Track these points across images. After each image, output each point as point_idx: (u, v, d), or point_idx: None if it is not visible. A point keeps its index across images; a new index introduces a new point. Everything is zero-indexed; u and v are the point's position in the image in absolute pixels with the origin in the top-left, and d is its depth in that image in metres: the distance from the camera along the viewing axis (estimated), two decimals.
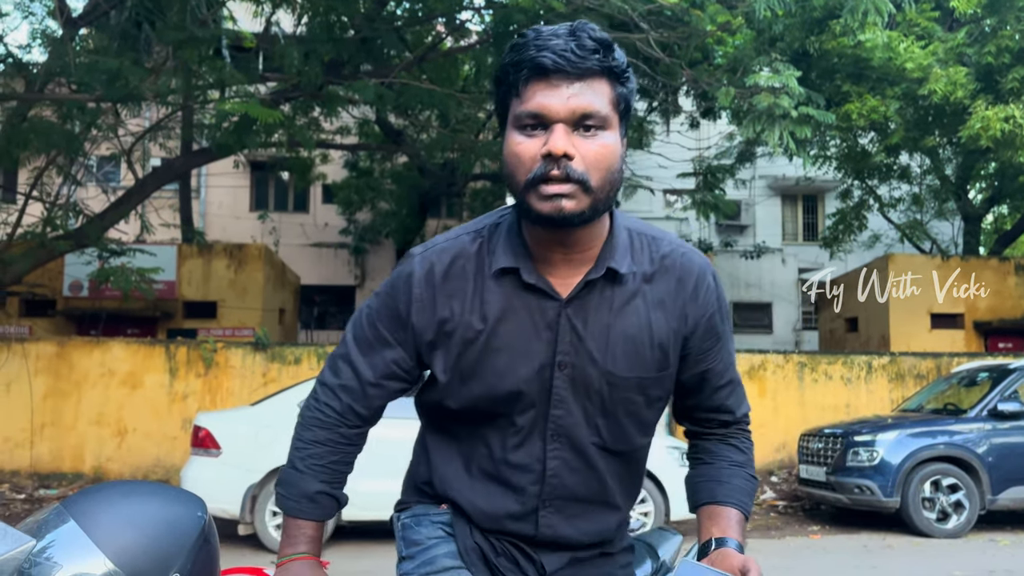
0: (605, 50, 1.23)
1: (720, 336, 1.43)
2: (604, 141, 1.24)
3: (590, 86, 1.22)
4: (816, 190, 21.66)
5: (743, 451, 1.50)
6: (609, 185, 1.25)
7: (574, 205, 1.22)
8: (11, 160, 9.57)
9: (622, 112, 1.27)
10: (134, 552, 1.13)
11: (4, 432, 10.08)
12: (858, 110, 10.63)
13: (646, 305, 1.35)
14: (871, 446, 8.14)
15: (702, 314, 1.38)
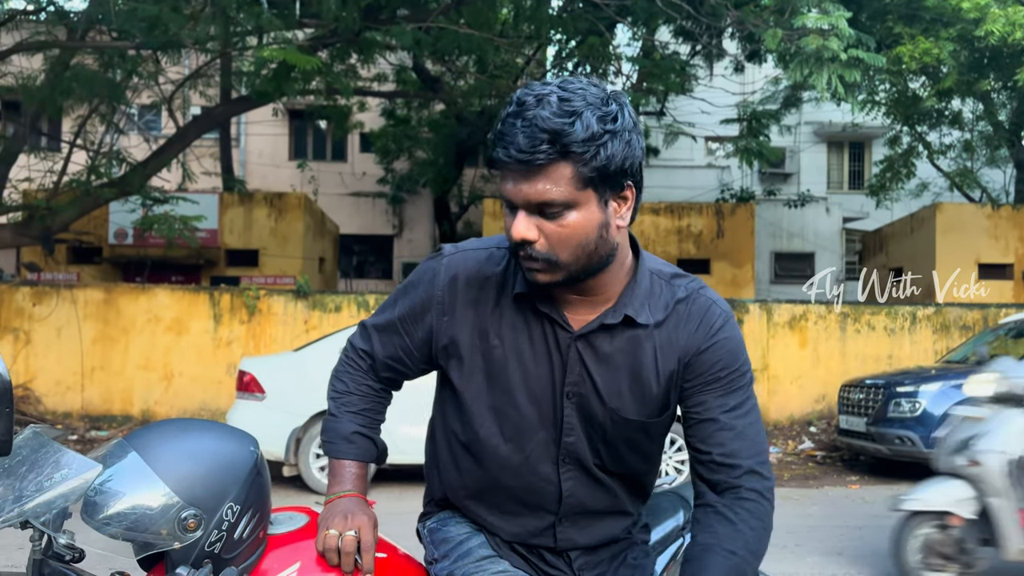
0: (556, 137, 1.19)
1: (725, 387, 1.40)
2: (567, 221, 1.25)
3: (545, 174, 1.22)
4: (863, 137, 21.11)
5: (730, 520, 1.37)
6: (584, 257, 1.29)
7: (547, 277, 1.30)
8: (55, 109, 9.69)
9: (595, 183, 1.25)
10: (192, 482, 1.18)
11: (56, 376, 10.40)
12: (910, 53, 10.27)
13: (655, 349, 1.39)
14: (913, 397, 8.04)
15: (697, 348, 1.39)
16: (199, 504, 1.18)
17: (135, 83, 10.69)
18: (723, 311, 1.41)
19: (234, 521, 1.22)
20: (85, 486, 1.08)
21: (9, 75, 10.27)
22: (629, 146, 1.26)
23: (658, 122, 15.42)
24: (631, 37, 12.89)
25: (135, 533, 1.14)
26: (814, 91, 9.27)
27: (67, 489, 1.07)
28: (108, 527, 1.13)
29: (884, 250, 17.57)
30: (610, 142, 1.23)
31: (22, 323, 10.51)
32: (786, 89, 14.60)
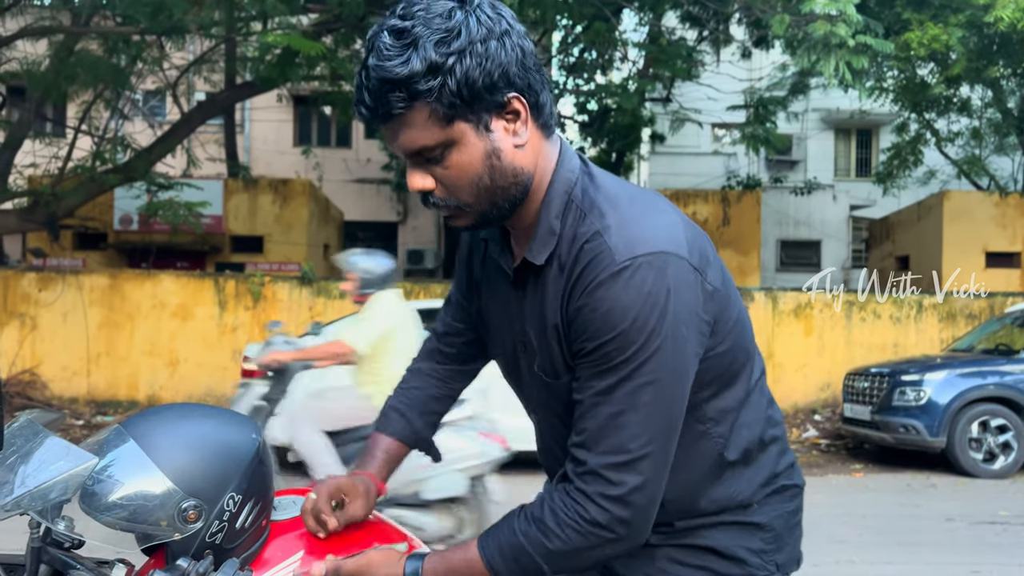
0: (394, 84, 1.06)
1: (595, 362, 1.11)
2: (451, 161, 1.12)
3: (404, 124, 1.09)
4: (871, 124, 20.99)
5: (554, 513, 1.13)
6: (485, 193, 1.14)
7: (464, 221, 1.18)
8: (60, 94, 9.67)
9: (461, 113, 1.08)
10: (192, 471, 1.15)
11: (62, 361, 10.43)
12: (918, 39, 10.18)
13: (548, 297, 1.18)
14: (918, 385, 8.03)
15: (576, 306, 1.13)
16: (199, 495, 1.15)
17: (139, 69, 10.67)
18: (614, 261, 1.09)
19: (235, 511, 1.19)
20: (81, 478, 1.06)
21: (14, 60, 10.26)
22: (488, 58, 1.07)
23: (664, 108, 15.34)
24: (637, 22, 12.81)
25: (134, 524, 1.12)
26: (822, 77, 9.21)
27: (64, 481, 1.04)
28: (106, 517, 1.11)
29: (891, 238, 17.50)
30: (458, 64, 1.06)
31: (28, 308, 10.54)
32: (793, 75, 14.51)
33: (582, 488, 1.12)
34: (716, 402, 1.22)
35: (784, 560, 1.30)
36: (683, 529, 1.27)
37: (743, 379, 1.25)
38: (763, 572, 1.26)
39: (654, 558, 1.27)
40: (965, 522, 5.86)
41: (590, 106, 16.24)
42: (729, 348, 1.20)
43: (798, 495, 1.34)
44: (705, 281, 1.15)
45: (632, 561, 1.28)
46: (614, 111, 14.56)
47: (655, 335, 1.08)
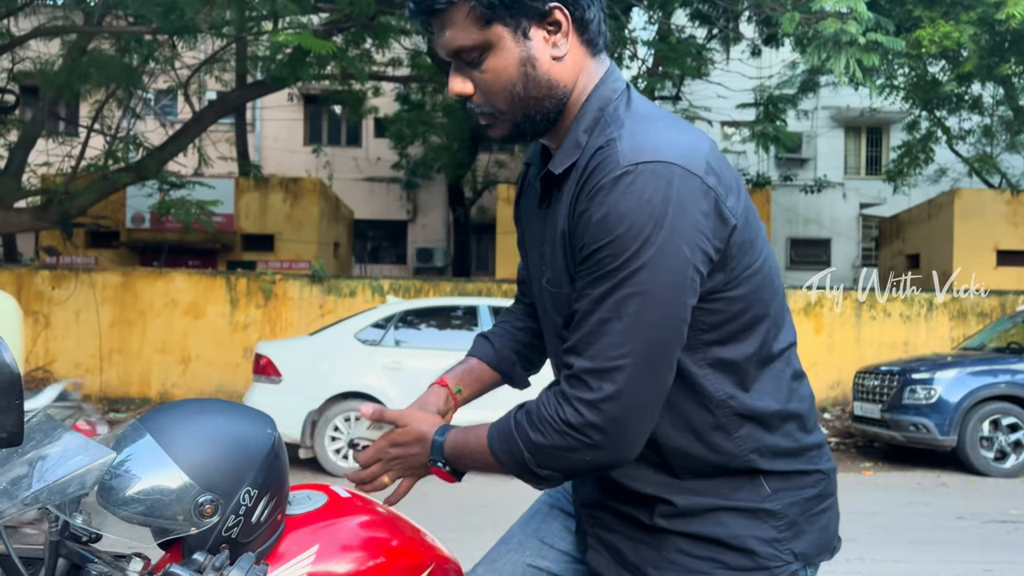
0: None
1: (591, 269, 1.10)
2: (488, 65, 1.14)
3: (449, 20, 1.13)
4: (881, 122, 20.90)
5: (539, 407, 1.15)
6: (520, 103, 1.15)
7: (500, 131, 1.20)
8: (73, 94, 9.75)
9: (502, 13, 1.11)
10: (208, 466, 1.16)
11: (75, 358, 10.51)
12: (929, 36, 10.13)
13: (561, 204, 1.17)
14: (929, 384, 8.00)
15: (579, 211, 1.11)
16: (215, 489, 1.16)
17: (151, 68, 10.73)
18: (618, 165, 1.07)
19: (251, 505, 1.19)
20: (99, 473, 1.07)
21: (27, 60, 10.34)
22: None
23: (674, 106, 15.31)
24: (647, 20, 12.79)
25: (151, 518, 1.13)
26: (832, 75, 9.19)
27: (82, 475, 1.05)
28: (123, 511, 1.12)
29: (901, 236, 17.43)
30: None
31: (41, 306, 10.62)
32: (803, 73, 14.45)
33: (564, 390, 1.12)
34: (721, 350, 1.17)
35: (804, 548, 1.23)
36: (690, 512, 1.22)
37: (756, 336, 1.18)
38: (776, 562, 1.20)
39: (662, 548, 1.23)
40: (976, 520, 5.84)
41: None
42: (744, 295, 1.15)
43: (822, 480, 1.26)
44: (720, 203, 1.10)
45: (640, 549, 1.25)
46: None
47: (648, 245, 1.05)
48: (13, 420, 0.96)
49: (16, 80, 10.73)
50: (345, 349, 7.38)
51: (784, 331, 1.24)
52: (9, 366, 0.95)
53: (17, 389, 0.95)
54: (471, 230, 19.08)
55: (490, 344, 1.52)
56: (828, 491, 1.27)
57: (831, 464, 1.30)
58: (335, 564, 1.29)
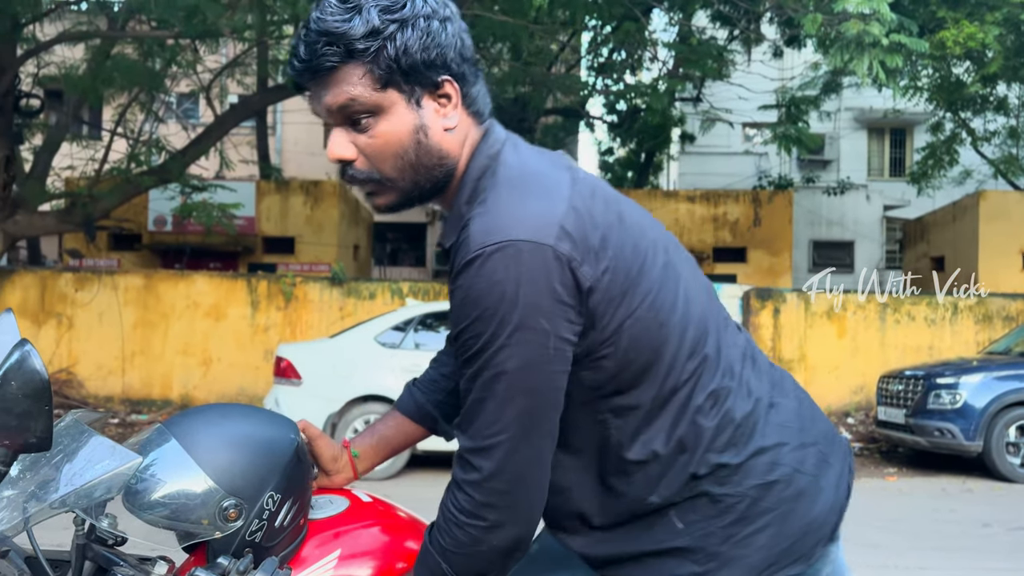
0: (334, 38, 1.09)
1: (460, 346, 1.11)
2: (378, 130, 1.12)
3: (336, 79, 1.11)
4: (904, 123, 20.71)
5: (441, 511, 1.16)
6: (409, 170, 1.15)
7: (384, 200, 1.17)
8: (96, 97, 9.84)
9: (397, 82, 1.11)
10: (232, 471, 1.17)
11: (98, 360, 10.61)
12: (954, 37, 10.03)
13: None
14: (954, 389, 7.90)
15: (450, 294, 1.13)
16: (239, 494, 1.16)
17: (174, 72, 10.82)
18: (469, 250, 1.07)
19: (275, 510, 1.20)
20: (126, 477, 1.07)
21: (52, 65, 10.46)
22: (430, 35, 1.11)
23: (695, 108, 15.25)
24: (667, 22, 12.75)
25: (175, 522, 1.14)
26: (855, 77, 9.11)
27: (109, 480, 1.06)
28: (148, 515, 1.13)
29: (926, 239, 17.25)
30: (399, 33, 1.10)
31: (65, 308, 10.73)
32: (826, 74, 14.36)
33: (455, 475, 1.14)
34: (616, 399, 1.17)
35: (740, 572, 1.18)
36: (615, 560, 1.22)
37: (653, 378, 1.16)
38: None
39: None
40: (1002, 528, 5.75)
41: (619, 106, 16.17)
42: (624, 351, 1.13)
43: (743, 500, 1.19)
44: (577, 273, 1.08)
45: None
46: (643, 111, 14.49)
47: (504, 324, 1.05)
48: (43, 425, 0.97)
49: (41, 84, 10.86)
50: (365, 352, 7.39)
51: (694, 357, 1.19)
52: (39, 372, 0.95)
53: (47, 395, 0.96)
54: None
55: (413, 397, 1.51)
56: (758, 509, 1.19)
57: (765, 478, 1.20)
58: (357, 568, 1.29)
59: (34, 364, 0.95)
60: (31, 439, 0.97)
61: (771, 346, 10.59)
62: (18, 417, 0.95)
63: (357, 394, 7.16)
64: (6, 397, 0.94)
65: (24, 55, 9.89)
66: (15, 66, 9.76)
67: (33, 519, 1.05)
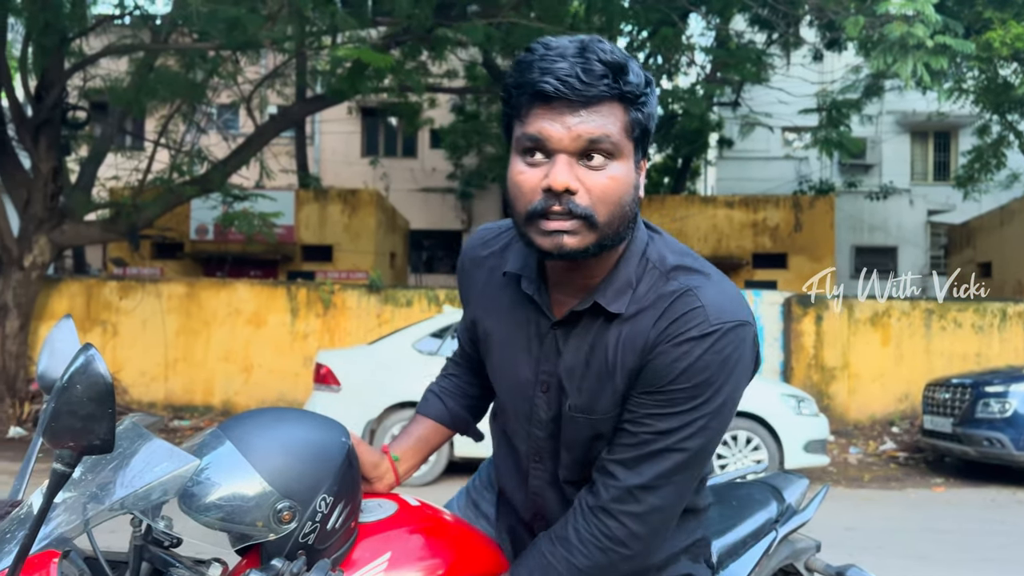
0: (616, 73, 1.10)
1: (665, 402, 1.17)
2: (613, 173, 1.13)
3: (598, 112, 1.11)
4: (949, 126, 20.32)
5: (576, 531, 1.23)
6: (619, 220, 1.16)
7: (576, 242, 1.14)
8: (140, 109, 10.04)
9: (637, 139, 1.16)
10: (287, 474, 1.18)
11: (141, 366, 10.79)
12: (1000, 38, 9.82)
13: (618, 341, 1.21)
14: (1003, 397, 7.71)
15: (657, 348, 1.17)
16: (294, 496, 1.17)
17: (215, 83, 11.00)
18: (711, 321, 1.15)
19: (327, 512, 1.21)
20: (183, 480, 1.10)
21: (97, 78, 10.70)
22: (654, 117, 1.19)
23: (733, 112, 15.13)
24: (705, 27, 12.67)
25: (231, 524, 1.15)
26: (897, 79, 8.96)
27: (166, 482, 1.08)
28: (204, 517, 1.14)
29: (972, 244, 16.90)
30: (652, 97, 1.17)
31: (110, 316, 10.94)
32: (867, 77, 14.15)
33: (607, 506, 1.21)
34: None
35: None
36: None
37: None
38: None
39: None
40: None
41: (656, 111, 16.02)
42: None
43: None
44: (757, 349, 1.24)
45: None
46: (681, 116, 14.39)
47: (720, 393, 1.17)
48: (106, 428, 0.99)
49: (87, 97, 11.11)
50: (403, 359, 7.42)
51: None
52: (103, 376, 0.97)
53: (110, 398, 0.98)
54: None
55: (442, 403, 1.57)
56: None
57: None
58: (407, 571, 1.30)
59: (98, 368, 0.97)
60: (95, 441, 0.98)
61: (813, 354, 10.43)
62: (83, 420, 0.97)
63: (395, 400, 7.19)
64: (71, 400, 0.96)
65: (71, 69, 10.12)
66: (62, 79, 9.99)
67: (93, 521, 1.07)
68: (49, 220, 10.02)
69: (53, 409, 0.97)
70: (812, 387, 10.25)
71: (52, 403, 0.97)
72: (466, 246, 1.45)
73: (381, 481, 1.46)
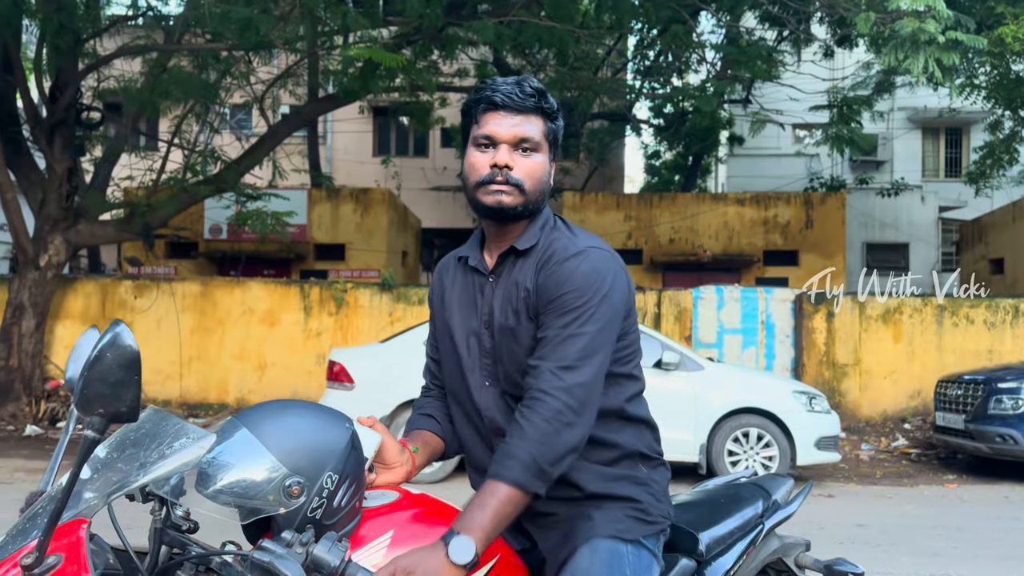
0: (540, 96, 1.65)
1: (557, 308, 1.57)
2: (536, 160, 1.65)
3: (527, 119, 1.64)
4: (960, 122, 20.20)
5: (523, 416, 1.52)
6: (538, 191, 1.66)
7: (511, 200, 1.63)
8: (154, 110, 10.12)
9: (551, 142, 1.68)
10: (296, 454, 1.30)
11: (156, 365, 10.88)
12: (1013, 33, 9.76)
13: (525, 270, 1.65)
14: (1016, 393, 7.68)
15: (547, 273, 1.60)
16: (302, 472, 1.29)
17: (228, 83, 11.07)
18: (579, 247, 1.61)
19: (333, 489, 1.33)
20: (201, 454, 1.20)
21: (111, 78, 10.78)
22: (561, 134, 1.72)
23: (744, 110, 15.09)
24: (715, 24, 12.65)
25: (245, 500, 1.25)
26: (909, 76, 8.93)
27: (185, 457, 1.19)
28: (220, 495, 1.24)
29: (984, 240, 16.80)
30: (559, 119, 1.70)
31: (125, 315, 11.02)
32: (878, 74, 14.09)
33: (540, 388, 1.52)
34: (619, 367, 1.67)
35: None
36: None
37: (636, 370, 1.72)
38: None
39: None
40: None
41: (666, 109, 16.05)
42: (632, 340, 1.69)
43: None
44: (629, 280, 1.68)
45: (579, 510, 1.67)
46: (691, 114, 14.37)
47: (598, 293, 1.57)
48: (133, 394, 1.08)
49: (101, 98, 11.19)
50: (415, 356, 7.42)
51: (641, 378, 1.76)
52: (131, 346, 1.08)
53: (137, 366, 1.08)
54: None
55: (436, 421, 1.82)
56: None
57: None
58: (408, 548, 1.39)
59: (126, 339, 1.08)
60: (122, 408, 1.08)
61: (824, 351, 10.42)
62: (112, 386, 1.07)
63: (407, 398, 7.22)
64: (102, 368, 1.06)
65: (85, 69, 10.21)
66: (77, 80, 10.08)
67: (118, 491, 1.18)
68: (64, 220, 10.12)
69: (85, 379, 1.06)
70: (824, 384, 10.24)
71: (84, 374, 1.07)
72: (443, 260, 1.86)
73: (402, 468, 1.66)
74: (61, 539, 1.14)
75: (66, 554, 1.12)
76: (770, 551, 1.99)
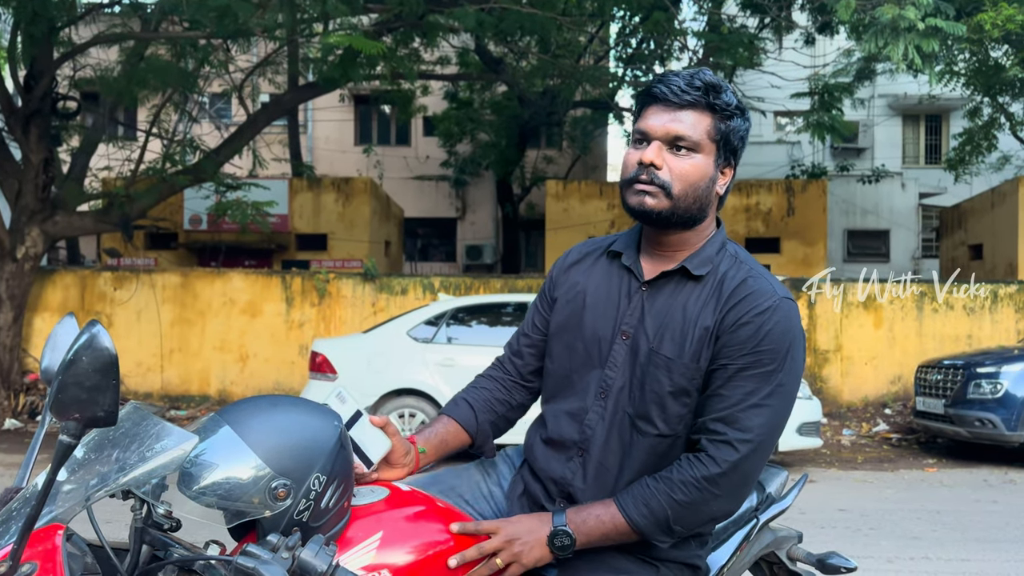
0: (710, 90, 1.50)
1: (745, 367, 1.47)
2: (692, 161, 1.51)
3: (687, 115, 1.50)
4: (940, 109, 20.34)
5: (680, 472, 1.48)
6: (692, 197, 1.52)
7: (654, 203, 1.50)
8: (131, 99, 9.99)
9: (720, 143, 1.53)
10: (281, 454, 1.24)
11: (137, 357, 10.79)
12: (992, 20, 9.81)
13: (700, 300, 1.53)
14: (995, 378, 7.77)
15: (736, 320, 1.48)
16: (288, 474, 1.24)
17: (206, 72, 10.93)
18: (776, 297, 1.49)
19: (320, 491, 1.27)
20: (183, 457, 1.14)
21: (87, 67, 10.63)
22: (743, 136, 1.56)
23: None
24: (697, 11, 12.64)
25: (228, 502, 1.20)
26: (889, 62, 8.97)
27: (166, 460, 1.13)
28: (203, 497, 1.19)
29: (963, 226, 16.94)
30: (739, 118, 1.53)
31: (104, 307, 10.92)
32: (859, 61, 14.13)
33: (709, 453, 1.46)
34: None
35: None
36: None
37: None
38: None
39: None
40: None
41: None
42: None
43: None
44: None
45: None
46: None
47: (788, 355, 1.48)
48: (110, 399, 1.03)
49: (77, 87, 11.02)
50: (398, 346, 7.44)
51: None
52: (108, 349, 1.03)
53: (114, 370, 1.03)
54: (520, 227, 19.09)
55: (472, 412, 1.74)
56: None
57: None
58: (399, 549, 1.37)
59: (103, 341, 1.03)
60: (99, 412, 1.03)
61: (806, 337, 10.47)
62: (88, 391, 1.02)
63: (391, 388, 7.22)
64: (78, 372, 1.01)
65: (60, 58, 10.05)
66: (52, 69, 9.92)
67: (97, 496, 1.13)
68: (41, 211, 9.99)
69: (60, 382, 1.01)
70: (805, 370, 10.28)
71: (59, 377, 1.02)
72: (565, 255, 1.76)
73: (404, 468, 1.60)
74: (36, 546, 1.10)
75: (41, 562, 1.08)
76: (764, 545, 1.99)
